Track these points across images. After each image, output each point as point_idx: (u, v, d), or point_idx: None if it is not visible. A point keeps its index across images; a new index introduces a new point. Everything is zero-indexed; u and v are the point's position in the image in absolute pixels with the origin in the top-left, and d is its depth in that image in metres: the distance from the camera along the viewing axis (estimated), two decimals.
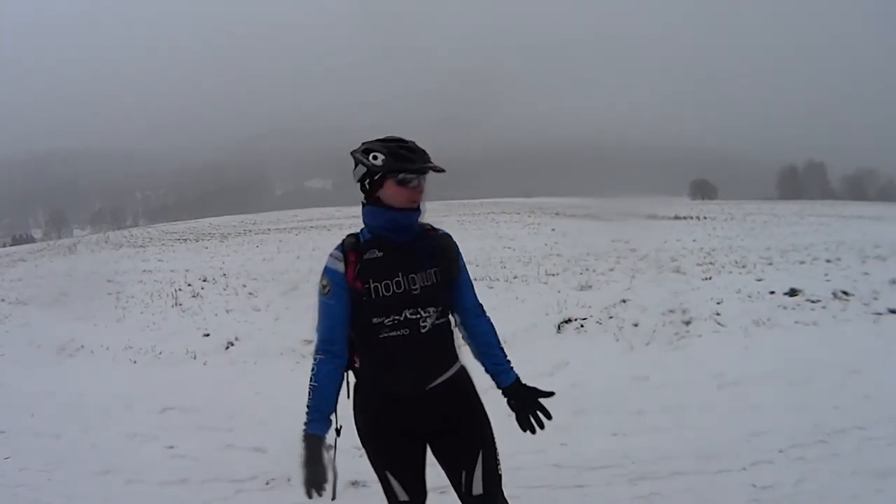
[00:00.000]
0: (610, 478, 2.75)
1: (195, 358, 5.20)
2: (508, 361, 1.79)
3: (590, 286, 6.98)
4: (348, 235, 1.73)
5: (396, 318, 1.65)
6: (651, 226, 17.51)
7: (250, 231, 24.07)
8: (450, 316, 1.76)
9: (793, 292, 5.92)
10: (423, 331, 1.67)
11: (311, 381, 1.68)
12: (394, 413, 1.71)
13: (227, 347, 5.37)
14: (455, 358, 1.77)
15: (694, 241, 13.16)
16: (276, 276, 9.64)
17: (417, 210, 1.68)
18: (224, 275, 10.42)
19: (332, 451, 1.67)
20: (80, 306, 7.71)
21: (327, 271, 1.68)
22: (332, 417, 1.68)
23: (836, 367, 4.06)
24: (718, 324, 5.17)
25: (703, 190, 72.38)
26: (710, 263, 8.74)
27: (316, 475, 1.62)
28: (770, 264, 8.33)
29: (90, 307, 7.56)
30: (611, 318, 5.45)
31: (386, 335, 1.66)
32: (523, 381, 1.79)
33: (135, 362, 5.23)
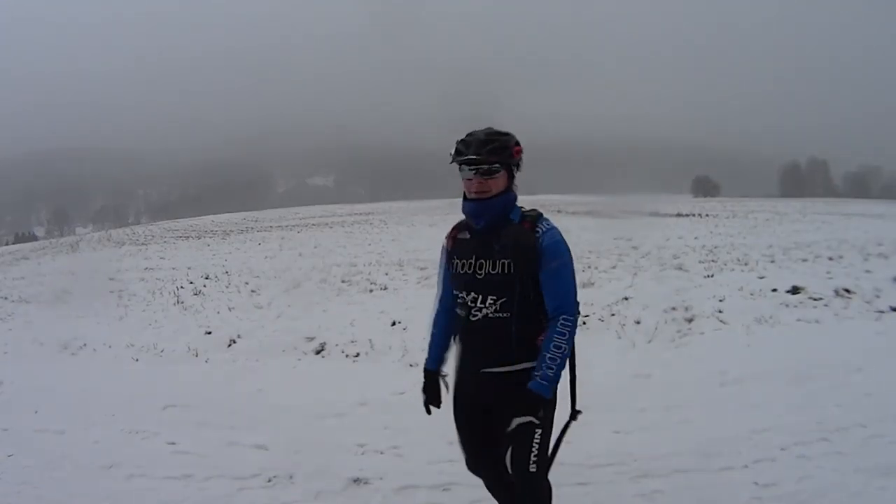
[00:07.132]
0: (612, 475, 2.75)
1: (197, 356, 5.20)
2: (540, 372, 1.73)
3: (592, 283, 6.98)
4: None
5: (463, 296, 1.85)
6: (653, 223, 17.47)
7: (252, 228, 24.13)
8: (516, 312, 1.78)
9: (795, 290, 5.91)
10: (472, 318, 1.83)
11: (431, 327, 2.05)
12: (461, 381, 1.94)
13: (230, 345, 5.36)
14: (521, 357, 1.81)
15: (696, 238, 13.15)
16: (279, 274, 9.65)
17: (484, 200, 1.77)
18: (226, 272, 10.43)
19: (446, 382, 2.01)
20: (82, 304, 7.73)
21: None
22: (446, 355, 2.02)
23: (838, 364, 4.04)
24: (720, 321, 5.16)
25: (705, 187, 72.18)
26: (713, 261, 8.74)
27: (428, 399, 2.02)
28: (772, 262, 8.32)
29: (92, 305, 7.58)
30: (613, 315, 5.44)
31: (457, 310, 1.89)
32: (531, 398, 1.73)
33: (137, 360, 5.23)
